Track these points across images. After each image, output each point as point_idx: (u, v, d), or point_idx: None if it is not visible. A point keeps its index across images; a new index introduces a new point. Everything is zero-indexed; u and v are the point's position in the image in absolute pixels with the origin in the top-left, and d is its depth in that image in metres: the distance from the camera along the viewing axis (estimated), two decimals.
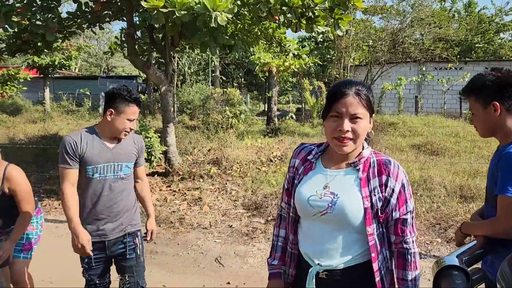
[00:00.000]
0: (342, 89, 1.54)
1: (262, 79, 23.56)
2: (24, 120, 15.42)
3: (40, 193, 6.66)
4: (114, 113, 2.42)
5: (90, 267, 2.51)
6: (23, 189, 2.69)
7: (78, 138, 2.42)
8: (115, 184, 2.50)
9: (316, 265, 1.57)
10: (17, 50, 7.95)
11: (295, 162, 1.73)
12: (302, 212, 1.64)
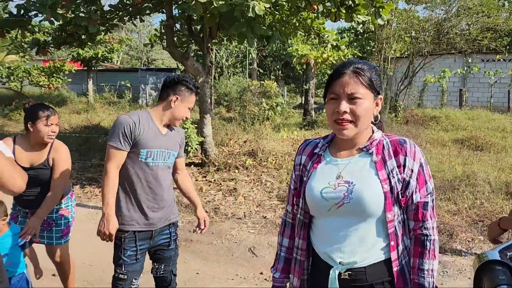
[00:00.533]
0: (339, 69, 1.45)
1: (299, 72, 23.34)
2: (68, 111, 16.06)
3: (82, 180, 6.91)
4: (179, 100, 2.41)
5: (130, 262, 2.38)
6: (64, 164, 2.77)
7: (136, 119, 2.33)
8: (163, 172, 2.46)
9: (337, 265, 1.43)
10: (62, 42, 8.25)
11: (301, 159, 1.61)
12: (315, 209, 1.51)
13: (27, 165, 2.64)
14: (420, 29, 15.62)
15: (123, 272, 2.38)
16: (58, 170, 2.74)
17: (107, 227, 2.24)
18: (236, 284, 3.63)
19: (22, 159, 2.63)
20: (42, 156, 2.72)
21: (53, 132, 2.71)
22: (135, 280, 2.43)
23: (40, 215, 2.64)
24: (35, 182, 2.64)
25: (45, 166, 2.72)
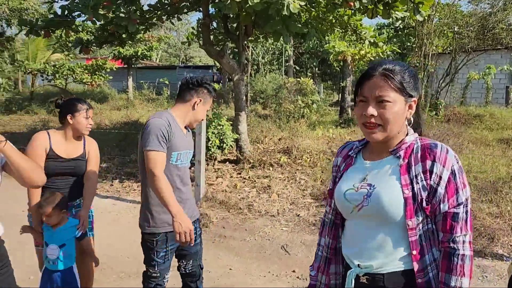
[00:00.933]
0: (368, 70, 1.41)
1: (336, 69, 23.04)
2: (109, 107, 16.59)
3: (121, 175, 7.14)
4: (201, 102, 2.45)
5: (164, 260, 2.41)
6: (98, 156, 2.92)
7: (167, 121, 2.32)
8: (187, 171, 2.53)
9: (355, 267, 1.43)
10: (104, 41, 8.54)
11: (338, 161, 1.63)
12: (341, 210, 1.52)
13: (66, 157, 2.74)
14: (464, 24, 15.04)
15: (156, 271, 2.43)
16: (94, 162, 2.87)
17: (185, 225, 2.19)
18: (268, 281, 3.65)
19: (60, 150, 2.72)
20: (79, 149, 2.81)
21: (90, 124, 2.81)
22: (167, 275, 2.50)
23: (88, 205, 2.78)
24: (72, 174, 2.78)
25: (83, 158, 2.82)
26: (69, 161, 2.74)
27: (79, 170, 2.80)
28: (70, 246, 2.59)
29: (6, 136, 2.05)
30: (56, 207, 2.50)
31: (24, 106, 16.15)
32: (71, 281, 2.58)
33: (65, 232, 2.56)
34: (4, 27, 17.63)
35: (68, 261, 2.57)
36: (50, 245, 2.52)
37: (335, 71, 24.21)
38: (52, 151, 2.68)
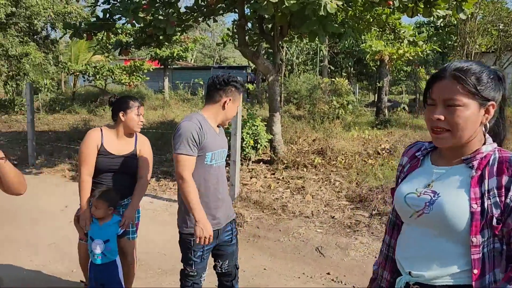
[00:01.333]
0: (438, 72, 1.32)
1: (373, 69, 22.63)
2: (146, 107, 16.98)
3: (158, 174, 7.30)
4: (231, 101, 2.45)
5: (201, 260, 2.45)
6: (150, 155, 2.95)
7: (198, 123, 2.34)
8: (224, 171, 2.54)
9: (406, 274, 1.36)
10: (142, 43, 8.77)
11: (403, 160, 1.55)
12: (399, 213, 1.45)
13: (117, 153, 2.79)
14: (510, 21, 14.42)
15: (193, 270, 2.47)
16: (145, 161, 2.89)
17: (206, 231, 2.27)
18: (303, 282, 3.64)
19: (112, 147, 2.78)
20: (130, 146, 2.86)
21: (142, 121, 2.86)
22: (203, 274, 2.53)
23: (135, 205, 2.81)
24: (122, 171, 2.81)
25: (134, 156, 2.86)
26: (119, 158, 2.78)
27: (128, 167, 2.82)
28: (114, 243, 2.67)
29: (50, 134, 2.15)
30: (105, 201, 2.58)
31: (67, 106, 16.81)
32: (114, 274, 2.68)
33: (109, 228, 2.64)
34: (49, 30, 18.42)
35: (111, 256, 2.67)
36: (96, 240, 2.61)
37: (371, 71, 23.79)
38: (103, 147, 2.74)
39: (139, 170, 2.88)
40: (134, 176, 2.88)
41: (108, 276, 2.67)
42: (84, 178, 2.72)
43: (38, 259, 3.99)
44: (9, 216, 5.22)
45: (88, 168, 2.72)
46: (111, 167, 2.77)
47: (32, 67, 16.32)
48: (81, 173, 2.73)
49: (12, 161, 8.33)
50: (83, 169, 2.72)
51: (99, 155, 2.74)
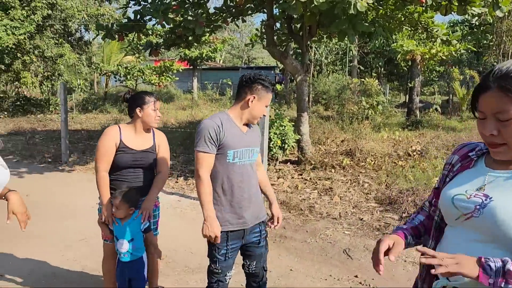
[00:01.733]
0: (482, 81, 1.23)
1: (404, 69, 22.18)
2: (175, 107, 17.25)
3: (186, 173, 7.37)
4: (256, 99, 2.41)
5: (226, 258, 2.45)
6: (167, 150, 2.96)
7: (218, 121, 2.36)
8: (251, 170, 2.48)
9: (443, 278, 1.29)
10: (172, 44, 8.89)
11: (453, 159, 1.47)
12: (444, 214, 1.38)
13: (137, 149, 2.79)
14: None
15: (217, 268, 2.47)
16: (164, 155, 2.91)
17: (212, 230, 2.30)
18: (330, 284, 3.59)
19: (131, 143, 2.78)
20: (149, 141, 2.86)
21: (159, 116, 2.86)
22: (229, 273, 2.51)
23: (152, 198, 2.79)
24: (143, 166, 2.81)
25: (153, 151, 2.85)
26: (140, 152, 2.78)
27: (149, 162, 2.83)
28: (139, 240, 2.69)
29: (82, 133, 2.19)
30: (126, 202, 2.59)
31: (99, 106, 17.27)
32: (140, 270, 2.72)
33: (132, 226, 2.65)
34: (82, 32, 18.96)
35: (137, 253, 2.70)
36: (120, 239, 2.64)
37: (402, 71, 23.33)
38: (123, 143, 2.74)
39: (158, 165, 2.89)
40: (153, 171, 2.90)
41: (134, 272, 2.70)
42: (101, 175, 2.73)
43: (69, 254, 4.09)
44: (42, 211, 5.39)
45: (105, 164, 2.73)
46: (133, 162, 2.77)
47: (66, 68, 16.85)
48: (98, 170, 2.73)
49: (46, 159, 8.62)
50: (100, 165, 2.72)
51: (119, 152, 2.74)
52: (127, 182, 2.77)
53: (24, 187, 6.61)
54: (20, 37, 13.86)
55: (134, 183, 2.78)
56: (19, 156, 9.06)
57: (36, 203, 5.80)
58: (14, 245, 4.27)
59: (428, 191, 5.63)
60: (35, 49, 15.20)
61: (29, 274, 3.66)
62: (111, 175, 2.78)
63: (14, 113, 15.45)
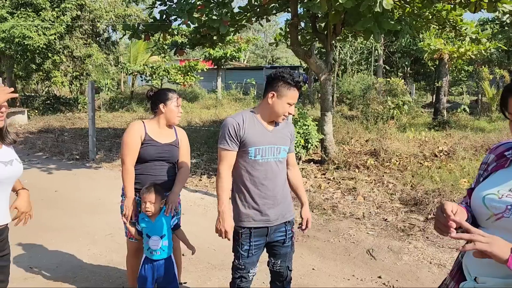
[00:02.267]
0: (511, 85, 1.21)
1: (431, 68, 21.71)
2: (199, 106, 17.41)
3: (209, 171, 7.43)
4: (276, 96, 2.36)
5: (248, 254, 2.45)
6: (187, 145, 3.01)
7: (240, 119, 2.37)
8: (276, 168, 2.44)
9: (471, 280, 1.27)
10: (197, 43, 8.98)
11: (489, 158, 1.43)
12: (476, 214, 1.34)
13: (162, 141, 2.84)
14: None
15: (240, 263, 2.48)
16: (185, 151, 2.97)
17: (223, 225, 2.33)
18: (352, 284, 3.55)
19: (156, 136, 2.84)
20: (172, 135, 2.92)
21: (180, 113, 2.93)
22: (252, 270, 2.51)
23: (177, 191, 2.82)
24: (168, 160, 2.85)
25: (176, 145, 2.90)
26: (165, 145, 2.84)
27: (174, 156, 2.88)
28: (169, 237, 2.71)
29: (109, 131, 2.25)
30: (158, 194, 2.62)
31: (125, 105, 17.59)
32: (171, 269, 2.73)
33: (161, 222, 2.67)
34: (110, 32, 19.37)
35: (168, 251, 2.71)
36: (152, 236, 2.65)
37: (429, 71, 22.85)
38: (148, 136, 2.79)
39: (180, 160, 2.94)
40: (175, 166, 2.95)
41: (164, 271, 2.71)
42: (128, 168, 2.77)
43: (95, 248, 4.19)
44: (70, 206, 5.54)
45: (131, 158, 2.77)
46: (158, 155, 2.81)
47: (94, 68, 17.25)
48: (125, 163, 2.78)
49: (74, 156, 8.85)
50: (127, 159, 2.76)
51: (145, 144, 2.77)
52: (152, 176, 2.79)
53: (53, 182, 6.81)
54: (51, 37, 14.27)
55: (159, 177, 2.81)
56: (48, 153, 9.33)
57: (65, 198, 5.97)
58: (43, 239, 4.41)
59: (455, 192, 5.50)
60: (65, 49, 15.62)
61: (57, 267, 3.77)
62: (136, 168, 2.81)
63: (45, 111, 15.91)
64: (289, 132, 2.54)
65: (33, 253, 4.06)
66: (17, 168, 1.99)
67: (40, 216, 5.15)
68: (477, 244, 1.12)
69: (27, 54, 14.82)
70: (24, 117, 14.03)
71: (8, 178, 1.94)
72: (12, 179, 1.97)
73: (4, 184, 1.93)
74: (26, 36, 13.49)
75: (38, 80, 17.50)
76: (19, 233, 4.46)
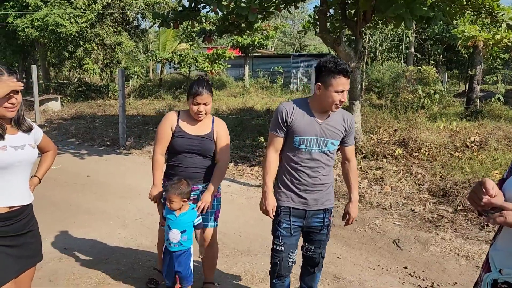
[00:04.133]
0: None
1: (464, 56, 21.00)
2: (227, 94, 17.48)
3: (236, 159, 7.50)
4: (322, 87, 2.36)
5: (286, 234, 2.52)
6: (226, 137, 2.89)
7: (290, 108, 2.44)
8: (319, 158, 2.46)
9: (496, 271, 1.26)
10: (225, 31, 8.98)
11: None
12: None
13: (193, 133, 2.81)
14: None
15: (280, 244, 2.53)
16: (223, 144, 2.86)
17: (265, 203, 2.48)
18: (378, 274, 3.55)
19: (188, 128, 2.82)
20: (207, 127, 2.86)
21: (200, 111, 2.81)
22: (291, 253, 2.56)
23: (213, 189, 2.77)
24: (199, 152, 2.80)
25: (210, 137, 2.82)
26: (196, 138, 2.80)
27: (205, 149, 2.81)
28: (190, 231, 2.72)
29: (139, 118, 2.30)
30: (178, 194, 2.61)
31: (154, 92, 17.85)
32: (187, 262, 2.75)
33: (186, 218, 2.68)
34: (139, 20, 19.61)
35: (186, 244, 2.72)
36: (173, 229, 2.69)
37: (463, 59, 22.11)
38: (179, 127, 2.80)
39: (217, 154, 2.86)
40: (210, 159, 2.87)
41: (181, 263, 2.74)
42: (156, 157, 2.84)
43: (125, 232, 4.33)
44: (101, 191, 5.73)
45: (160, 147, 2.82)
46: (188, 147, 2.78)
47: (124, 56, 17.53)
48: (154, 152, 2.85)
49: (105, 142, 9.10)
50: (157, 147, 2.83)
51: (175, 136, 2.79)
52: (183, 168, 2.80)
53: (86, 167, 7.04)
54: (82, 25, 14.58)
55: (190, 169, 2.80)
56: (81, 138, 9.62)
57: (96, 183, 6.16)
58: (77, 222, 4.59)
59: None
60: (96, 37, 15.93)
61: (90, 249, 3.92)
62: (171, 160, 2.86)
63: (77, 98, 16.34)
64: (343, 126, 2.51)
65: (67, 235, 4.23)
66: (28, 152, 2.08)
67: (73, 200, 5.36)
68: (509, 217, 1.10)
69: (60, 42, 15.20)
70: (57, 103, 14.47)
71: (20, 162, 2.04)
72: (24, 162, 2.07)
73: (17, 167, 2.04)
74: (59, 24, 13.82)
75: (70, 68, 17.93)
76: (55, 216, 4.66)
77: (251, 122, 10.24)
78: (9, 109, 1.98)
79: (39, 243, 2.24)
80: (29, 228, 2.14)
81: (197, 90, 2.71)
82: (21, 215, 2.09)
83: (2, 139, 1.98)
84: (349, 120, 2.53)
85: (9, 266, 2.03)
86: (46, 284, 3.23)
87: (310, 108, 2.45)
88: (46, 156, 2.45)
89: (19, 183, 2.08)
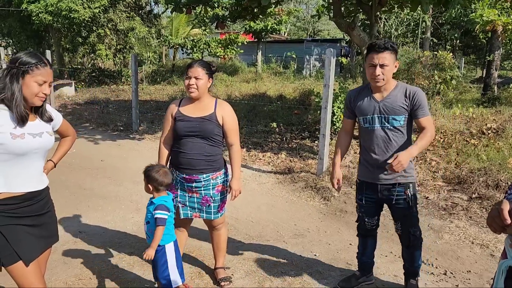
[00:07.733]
0: None
1: (482, 41, 20.51)
2: (239, 79, 17.38)
3: (248, 145, 7.49)
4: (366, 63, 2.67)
5: (361, 204, 2.90)
6: (233, 118, 2.83)
7: (354, 93, 2.85)
8: (385, 135, 2.68)
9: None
10: (238, 16, 8.89)
11: None
12: None
13: (192, 115, 2.76)
14: None
15: (358, 210, 2.98)
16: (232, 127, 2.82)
17: (331, 177, 2.96)
18: (390, 261, 3.53)
19: (187, 111, 2.79)
20: (209, 109, 2.77)
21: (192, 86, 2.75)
22: (368, 219, 2.92)
23: (238, 175, 2.84)
24: (199, 134, 2.73)
25: (211, 119, 2.74)
26: (195, 120, 2.73)
27: (205, 130, 2.73)
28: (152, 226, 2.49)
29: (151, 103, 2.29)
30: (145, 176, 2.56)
31: (167, 77, 17.86)
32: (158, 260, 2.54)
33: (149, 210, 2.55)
34: (152, 5, 19.53)
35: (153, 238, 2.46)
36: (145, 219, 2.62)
37: (481, 44, 21.61)
38: (179, 112, 2.79)
39: (228, 138, 2.83)
40: (213, 143, 2.78)
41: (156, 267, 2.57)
42: (159, 146, 2.95)
43: (138, 217, 4.38)
44: (115, 175, 5.78)
45: (163, 135, 2.89)
46: (188, 130, 2.73)
47: (137, 41, 17.53)
48: (159, 142, 2.96)
49: (119, 127, 9.16)
50: (161, 137, 2.94)
51: (176, 120, 2.78)
52: (183, 153, 2.76)
53: (99, 152, 7.11)
54: (95, 10, 14.59)
55: (190, 154, 2.75)
56: (94, 123, 9.70)
57: (110, 167, 6.22)
58: (91, 205, 4.65)
59: (502, 172, 5.27)
60: (109, 22, 15.95)
61: (104, 232, 3.97)
62: (174, 145, 2.86)
63: (90, 84, 16.46)
64: (405, 101, 2.63)
65: (82, 218, 4.29)
66: (46, 140, 2.10)
67: (87, 184, 5.43)
68: None
69: (74, 27, 15.25)
70: (71, 89, 14.59)
71: (37, 149, 2.06)
72: (41, 149, 2.09)
73: (34, 154, 2.06)
74: (72, 9, 13.85)
75: (84, 53, 18.03)
76: (69, 200, 4.73)
77: (264, 108, 10.19)
78: (41, 98, 2.03)
79: (55, 224, 2.29)
80: (47, 208, 2.20)
81: (190, 63, 2.80)
82: (40, 196, 2.13)
83: (23, 125, 2.00)
84: (411, 94, 2.63)
85: (35, 244, 2.09)
86: (61, 267, 3.29)
87: (370, 91, 2.74)
88: (64, 141, 2.45)
89: (36, 169, 2.11)
